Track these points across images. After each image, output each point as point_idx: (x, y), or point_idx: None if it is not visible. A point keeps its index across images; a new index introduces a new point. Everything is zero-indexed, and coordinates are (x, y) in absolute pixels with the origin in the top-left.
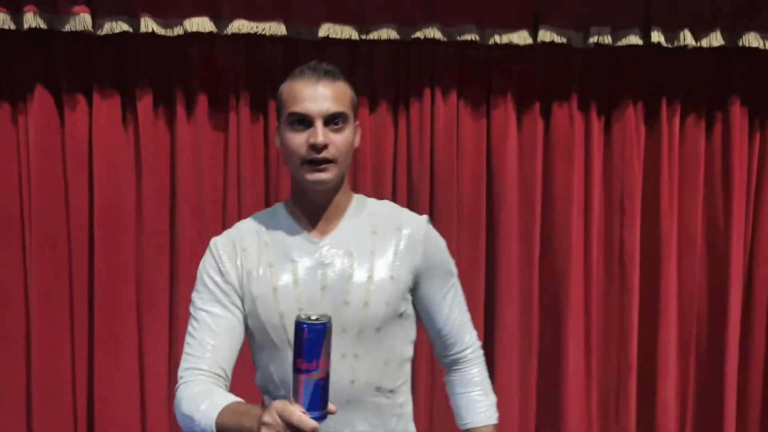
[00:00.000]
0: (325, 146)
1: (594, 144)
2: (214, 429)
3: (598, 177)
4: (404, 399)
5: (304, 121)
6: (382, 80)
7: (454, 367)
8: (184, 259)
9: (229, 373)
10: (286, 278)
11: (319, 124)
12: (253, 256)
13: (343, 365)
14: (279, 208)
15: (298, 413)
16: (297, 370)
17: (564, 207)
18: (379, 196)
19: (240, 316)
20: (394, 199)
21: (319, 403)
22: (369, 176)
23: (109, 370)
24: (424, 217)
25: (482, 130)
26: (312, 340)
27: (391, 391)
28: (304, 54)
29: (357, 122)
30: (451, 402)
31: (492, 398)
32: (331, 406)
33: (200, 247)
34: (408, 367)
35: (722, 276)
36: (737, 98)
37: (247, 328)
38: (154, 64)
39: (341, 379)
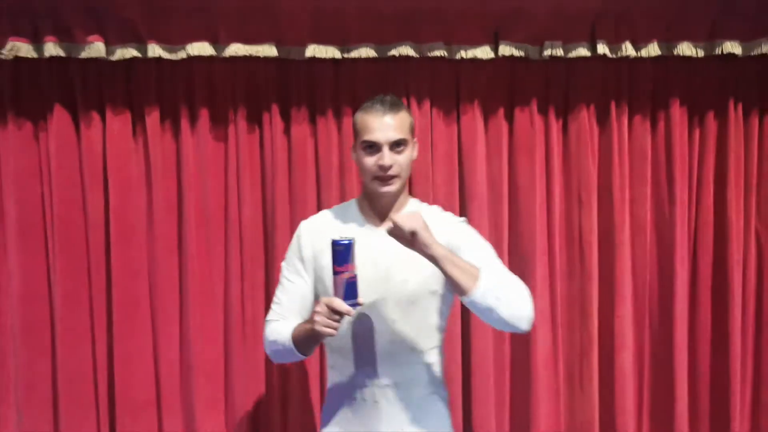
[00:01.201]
0: (390, 167)
1: (553, 143)
2: (291, 340)
3: (557, 172)
4: (434, 360)
5: (374, 147)
6: (362, 92)
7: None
8: (192, 257)
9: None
10: None
11: (385, 149)
12: (326, 237)
13: (385, 327)
14: (352, 204)
15: (338, 300)
16: (334, 273)
17: (528, 200)
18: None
19: (310, 283)
20: None
21: (352, 295)
22: (356, 173)
23: (126, 358)
24: (460, 219)
25: (453, 134)
26: (342, 251)
27: (423, 351)
28: (294, 71)
29: (415, 139)
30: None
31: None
32: (360, 299)
33: (206, 247)
34: (438, 336)
35: (669, 258)
36: (677, 99)
37: (316, 291)
38: (160, 84)
39: (383, 338)
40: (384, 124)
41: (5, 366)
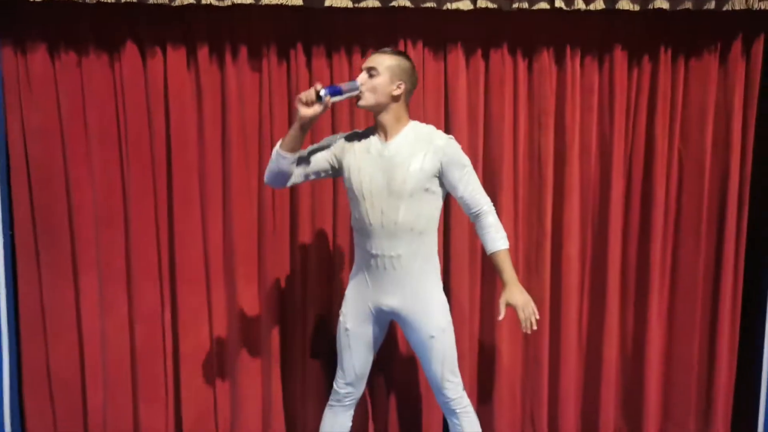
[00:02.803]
0: (362, 84)
1: (520, 79)
2: (279, 147)
3: (523, 102)
4: (429, 240)
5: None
6: (368, 35)
7: (476, 219)
8: (233, 163)
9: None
10: (364, 159)
11: (363, 72)
12: (354, 145)
13: (393, 212)
14: (372, 127)
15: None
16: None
17: (499, 124)
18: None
19: (329, 161)
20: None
21: (332, 89)
22: None
23: (183, 241)
24: (448, 136)
25: (440, 70)
26: (333, 86)
27: (421, 232)
28: (314, 17)
29: (399, 82)
30: (480, 240)
31: (502, 233)
32: (329, 99)
33: (244, 155)
34: (431, 222)
35: (608, 172)
36: (618, 45)
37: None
38: (209, 25)
39: (390, 220)
40: (370, 59)
41: (89, 247)
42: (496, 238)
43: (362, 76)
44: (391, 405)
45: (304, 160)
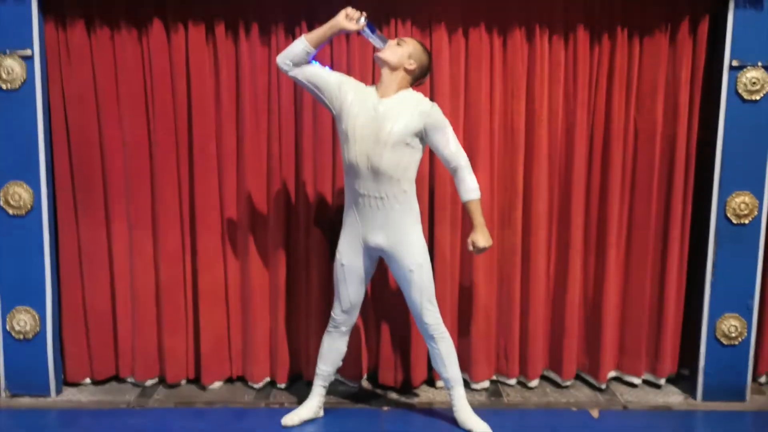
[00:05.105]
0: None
1: (495, 55)
2: (304, 36)
3: (498, 75)
4: (408, 188)
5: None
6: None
7: (454, 173)
8: (246, 126)
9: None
10: (360, 108)
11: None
12: (357, 92)
13: (376, 158)
14: (374, 86)
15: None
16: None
17: (476, 95)
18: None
19: (333, 85)
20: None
21: (371, 25)
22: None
23: (202, 193)
24: (432, 102)
25: (426, 46)
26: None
27: (399, 179)
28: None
29: (411, 60)
30: (457, 190)
31: (475, 186)
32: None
33: (255, 118)
34: (410, 173)
35: (572, 136)
36: (581, 24)
37: (336, 117)
38: (226, 5)
39: (373, 164)
40: (407, 38)
41: (120, 195)
42: (470, 189)
43: (392, 41)
44: (382, 333)
45: (315, 68)
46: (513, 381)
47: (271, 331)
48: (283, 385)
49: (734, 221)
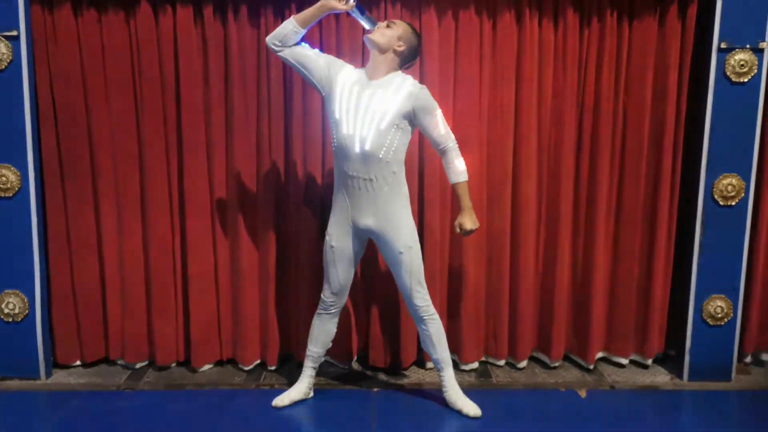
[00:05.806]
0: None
1: (485, 37)
2: (293, 17)
3: (488, 57)
4: (397, 169)
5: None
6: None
7: (443, 155)
8: (235, 104)
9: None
10: (350, 90)
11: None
12: (346, 74)
13: (366, 141)
14: (363, 68)
15: None
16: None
17: (467, 76)
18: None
19: (322, 66)
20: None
21: (360, 7)
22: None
23: (190, 174)
24: (421, 85)
25: (416, 28)
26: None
27: (388, 161)
28: None
29: (400, 42)
30: (445, 172)
31: (463, 168)
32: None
33: (244, 97)
34: (399, 155)
35: (562, 117)
36: (570, 8)
37: (326, 99)
38: None
39: (365, 149)
40: (397, 20)
41: (108, 179)
42: (458, 172)
43: (382, 23)
44: (372, 314)
45: (304, 50)
46: (502, 362)
47: (261, 313)
48: (273, 367)
49: (721, 203)
